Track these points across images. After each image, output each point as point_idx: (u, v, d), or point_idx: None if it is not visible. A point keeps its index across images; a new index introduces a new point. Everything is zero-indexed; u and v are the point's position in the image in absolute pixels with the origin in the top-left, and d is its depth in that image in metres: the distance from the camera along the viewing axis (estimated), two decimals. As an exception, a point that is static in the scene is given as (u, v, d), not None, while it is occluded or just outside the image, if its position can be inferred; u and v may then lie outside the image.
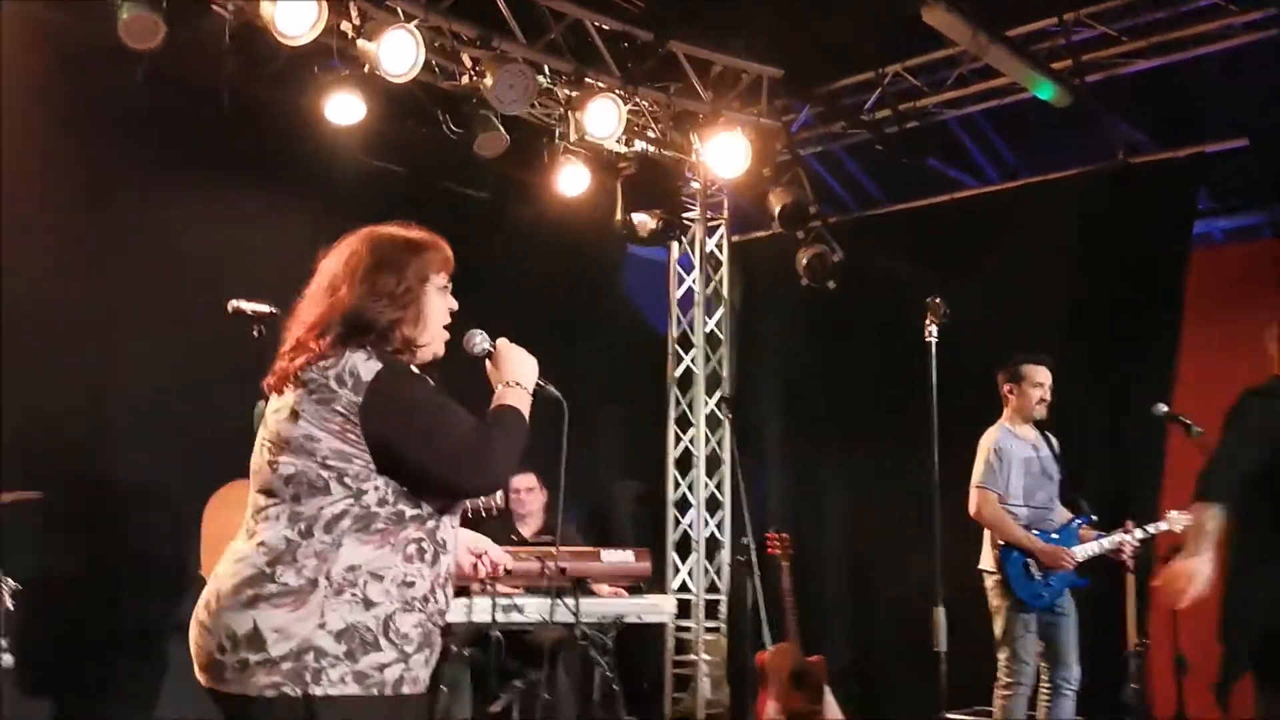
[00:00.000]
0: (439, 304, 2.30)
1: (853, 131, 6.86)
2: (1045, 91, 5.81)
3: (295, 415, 2.14)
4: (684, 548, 7.42)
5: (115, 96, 5.21)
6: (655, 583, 7.01)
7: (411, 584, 2.14)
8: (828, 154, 7.25)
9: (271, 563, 2.08)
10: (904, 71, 6.46)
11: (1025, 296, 6.44)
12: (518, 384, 2.33)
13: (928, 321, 3.52)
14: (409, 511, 2.16)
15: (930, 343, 3.48)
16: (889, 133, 6.64)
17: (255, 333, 3.44)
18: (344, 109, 5.42)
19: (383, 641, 2.09)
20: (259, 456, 2.20)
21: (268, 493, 2.16)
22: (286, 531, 2.10)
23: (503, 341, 2.41)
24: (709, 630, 7.26)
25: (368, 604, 2.09)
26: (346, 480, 2.11)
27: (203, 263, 5.40)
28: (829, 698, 5.54)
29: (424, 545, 2.18)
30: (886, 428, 6.63)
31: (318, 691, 2.03)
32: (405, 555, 2.15)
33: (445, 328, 2.34)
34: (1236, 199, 6.69)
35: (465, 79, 5.74)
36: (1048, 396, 5.03)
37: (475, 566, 2.52)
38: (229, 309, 3.49)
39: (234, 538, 4.13)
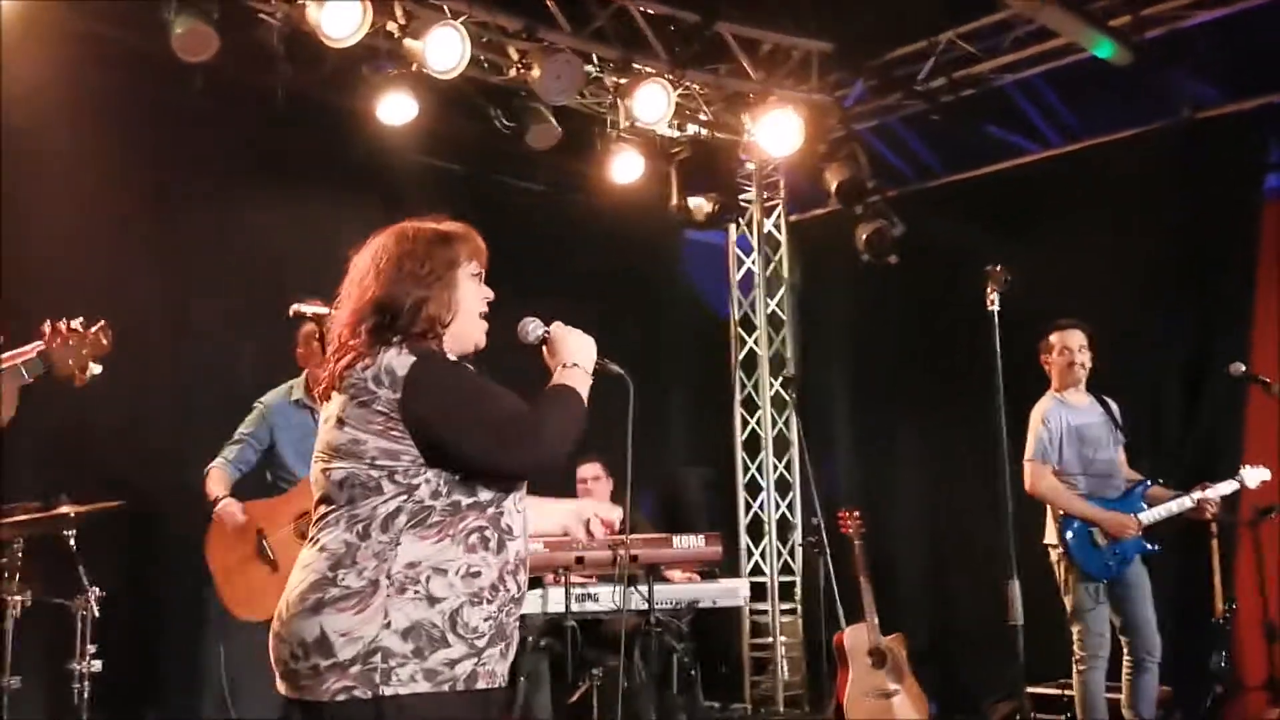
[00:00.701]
0: (471, 290, 2.30)
1: (907, 102, 6.74)
2: (1104, 50, 5.66)
3: (340, 422, 2.16)
4: (756, 531, 7.39)
5: (175, 107, 5.33)
6: (728, 567, 7.01)
7: (477, 574, 2.14)
8: (883, 127, 7.14)
9: (333, 567, 2.10)
10: (957, 38, 6.33)
11: (1092, 261, 6.29)
12: (575, 365, 2.30)
13: (989, 290, 3.45)
14: (465, 500, 2.15)
15: (992, 312, 3.41)
16: (945, 101, 6.52)
17: (318, 337, 3.51)
18: (396, 109, 5.47)
19: (450, 637, 2.09)
20: (314, 467, 2.22)
21: (326, 500, 2.17)
22: (345, 535, 2.11)
23: (557, 325, 2.39)
24: (785, 612, 7.23)
25: (432, 600, 2.09)
26: (397, 477, 2.11)
27: (266, 266, 5.50)
28: (910, 674, 5.49)
29: (487, 534, 2.16)
30: (954, 401, 6.54)
31: (387, 692, 2.03)
32: (468, 546, 2.14)
33: (486, 319, 2.34)
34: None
35: (513, 72, 5.76)
36: (1080, 359, 4.90)
37: (588, 532, 2.49)
38: (290, 312, 3.54)
39: (234, 563, 4.28)
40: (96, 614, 4.17)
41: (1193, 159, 6.07)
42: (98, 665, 4.15)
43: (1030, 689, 5.63)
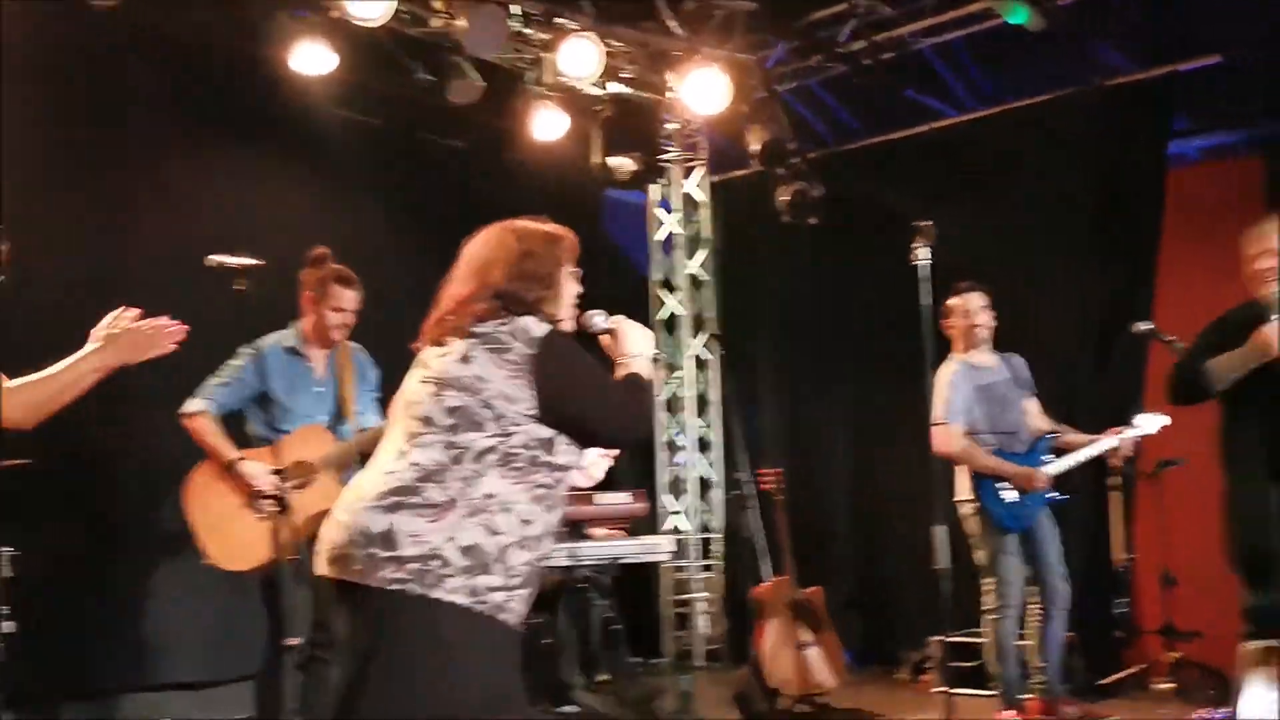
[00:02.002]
0: (570, 287, 2.60)
1: (828, 65, 6.81)
2: (1019, 15, 5.77)
3: (466, 359, 2.40)
4: (675, 489, 7.47)
5: (83, 54, 5.13)
6: (648, 525, 7.08)
7: (530, 523, 2.39)
8: (804, 88, 7.20)
9: (422, 479, 2.35)
10: (877, 1, 6.40)
11: (1006, 222, 6.47)
12: (639, 354, 2.59)
13: (917, 245, 3.52)
14: (543, 457, 2.41)
15: (921, 266, 3.48)
16: (865, 64, 6.60)
17: (236, 287, 3.43)
18: (313, 58, 5.36)
19: (495, 566, 2.33)
20: (419, 389, 2.45)
21: (426, 420, 2.41)
22: (440, 456, 2.36)
23: (621, 318, 2.67)
24: (704, 569, 7.34)
25: (492, 531, 2.34)
26: (502, 421, 2.37)
27: (179, 217, 5.35)
28: (828, 626, 5.63)
29: (549, 493, 2.43)
30: (878, 357, 6.69)
31: (435, 594, 2.27)
32: (533, 496, 2.40)
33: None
34: (1212, 118, 6.69)
35: (436, 24, 5.66)
36: (981, 321, 5.04)
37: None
38: (208, 262, 3.46)
39: (224, 515, 4.16)
40: (9, 574, 4.06)
41: (1102, 125, 6.26)
42: (10, 626, 4.04)
43: (942, 638, 5.83)
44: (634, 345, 2.61)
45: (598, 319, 2.66)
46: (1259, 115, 6.52)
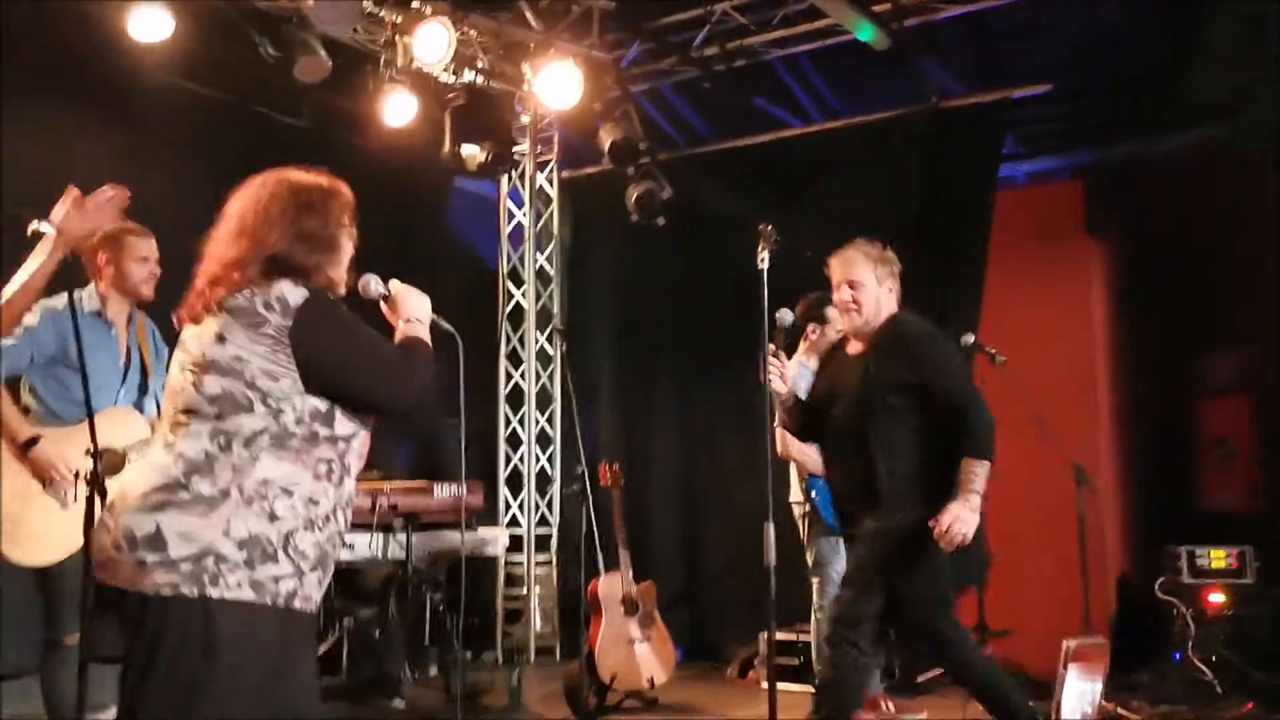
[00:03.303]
0: (349, 246, 2.45)
1: (681, 68, 6.90)
2: (865, 33, 5.98)
3: (221, 339, 2.24)
4: (514, 483, 7.44)
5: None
6: (487, 518, 7.03)
7: (316, 502, 2.26)
8: (655, 91, 7.28)
9: (188, 473, 2.19)
10: (732, 10, 6.52)
11: (844, 234, 6.64)
12: (417, 319, 2.49)
13: (760, 249, 3.59)
14: (323, 433, 2.27)
15: (762, 270, 3.55)
16: (717, 70, 6.71)
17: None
18: (149, 25, 5.12)
19: (281, 555, 2.20)
20: (180, 377, 2.29)
21: (189, 410, 2.25)
22: (207, 445, 2.21)
23: (395, 283, 2.55)
24: (540, 564, 7.33)
25: (272, 517, 2.20)
26: (269, 400, 2.23)
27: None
28: (659, 622, 5.69)
29: (333, 466, 2.30)
30: (715, 358, 6.81)
31: (214, 594, 2.13)
32: (315, 474, 2.27)
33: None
34: (1039, 143, 7.08)
35: (286, -2, 5.49)
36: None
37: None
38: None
39: (11, 500, 3.71)
40: None
41: (938, 144, 6.53)
42: None
43: (779, 635, 5.98)
44: (412, 310, 2.50)
45: (374, 283, 2.52)
46: (1082, 142, 6.94)
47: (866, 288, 3.94)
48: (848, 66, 6.74)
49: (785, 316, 4.53)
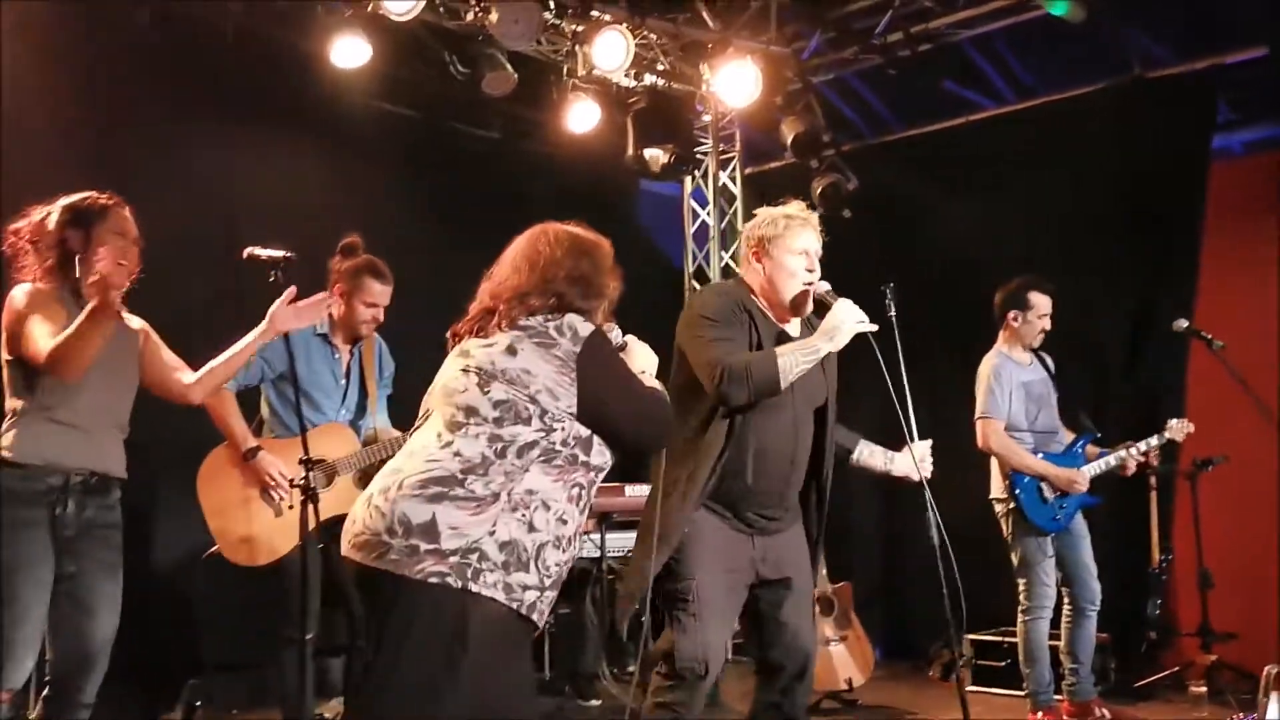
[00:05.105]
0: (613, 294, 2.65)
1: (865, 56, 6.74)
2: (1059, 7, 5.69)
3: (513, 351, 2.43)
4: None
5: (123, 44, 5.18)
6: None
7: (565, 522, 2.41)
8: (839, 80, 7.14)
9: (465, 471, 2.35)
10: (915, -8, 6.34)
11: (1045, 217, 6.37)
12: (645, 371, 2.65)
13: (887, 303, 3.42)
14: (582, 457, 2.44)
15: (891, 318, 3.36)
16: (902, 56, 6.53)
17: (271, 278, 3.39)
18: (349, 51, 5.38)
19: (531, 564, 2.33)
20: (462, 379, 2.46)
21: (470, 411, 2.42)
22: (484, 449, 2.37)
23: (631, 337, 2.72)
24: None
25: (531, 527, 2.34)
26: (546, 416, 2.40)
27: (217, 207, 5.39)
28: (855, 622, 5.60)
29: (583, 493, 2.46)
30: (910, 349, 6.61)
31: (474, 588, 2.27)
32: (570, 495, 2.42)
33: None
34: (1256, 110, 6.56)
35: (470, 16, 5.67)
36: (1048, 326, 4.96)
37: None
38: (244, 255, 3.43)
39: (234, 503, 4.03)
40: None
41: (1144, 117, 6.15)
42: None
43: (972, 636, 5.79)
44: (642, 362, 2.68)
45: (615, 334, 2.68)
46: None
47: None
48: (1043, 41, 6.41)
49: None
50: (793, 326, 3.40)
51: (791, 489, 3.32)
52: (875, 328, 3.21)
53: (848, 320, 3.17)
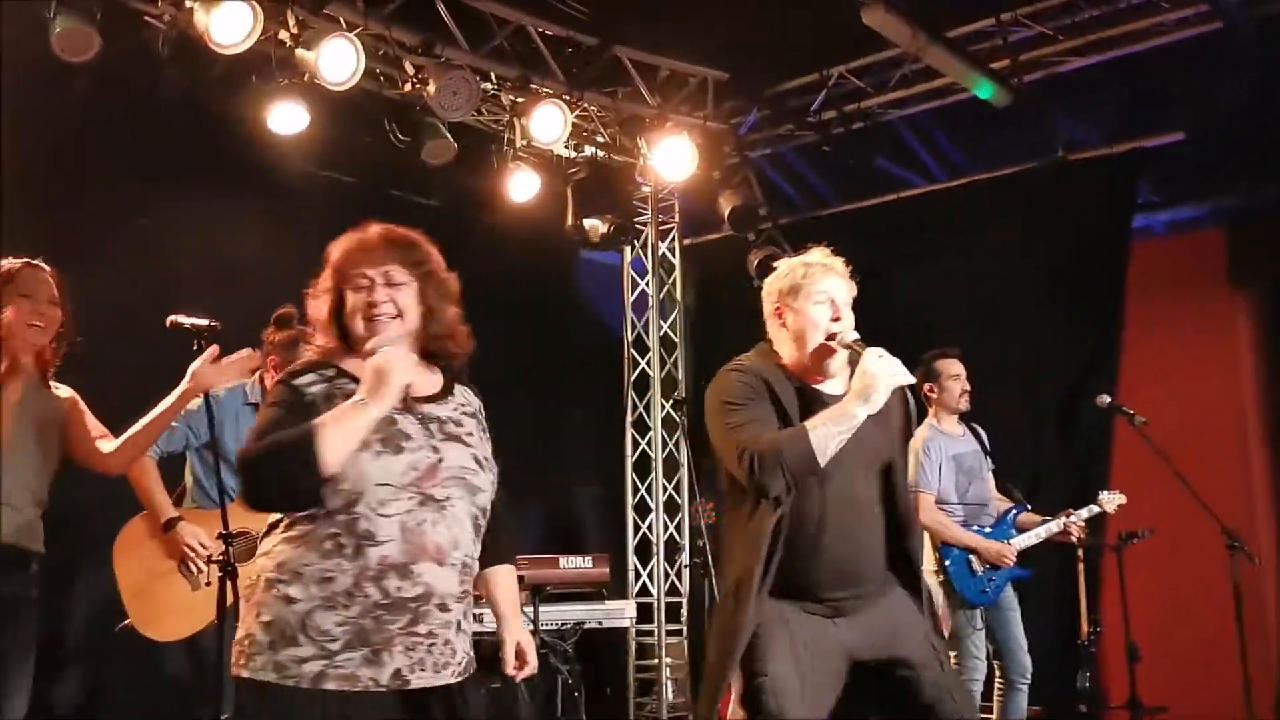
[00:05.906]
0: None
1: (800, 133, 6.90)
2: (985, 91, 5.89)
3: None
4: (644, 552, 7.42)
5: (56, 109, 5.14)
6: (617, 587, 7.02)
7: (330, 579, 2.20)
8: (776, 156, 7.29)
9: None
10: (848, 73, 6.52)
11: (970, 292, 6.52)
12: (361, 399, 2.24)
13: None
14: (316, 510, 2.23)
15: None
16: (836, 133, 6.70)
17: (195, 347, 3.34)
18: (287, 118, 5.38)
19: (301, 637, 2.20)
20: None
21: None
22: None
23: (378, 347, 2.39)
24: (671, 633, 7.26)
25: (288, 600, 2.22)
26: None
27: (149, 273, 5.32)
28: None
29: (341, 540, 2.21)
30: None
31: (244, 674, 2.24)
32: (322, 552, 2.22)
33: None
34: (1176, 192, 6.80)
35: (409, 86, 5.71)
36: (967, 387, 5.05)
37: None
38: (168, 323, 3.39)
39: (151, 576, 3.90)
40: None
41: (1068, 197, 6.35)
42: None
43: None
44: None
45: None
46: (1222, 189, 6.64)
47: None
48: (971, 123, 6.63)
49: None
50: (835, 384, 2.99)
51: (866, 559, 2.93)
52: (913, 380, 2.88)
53: (882, 375, 2.77)
